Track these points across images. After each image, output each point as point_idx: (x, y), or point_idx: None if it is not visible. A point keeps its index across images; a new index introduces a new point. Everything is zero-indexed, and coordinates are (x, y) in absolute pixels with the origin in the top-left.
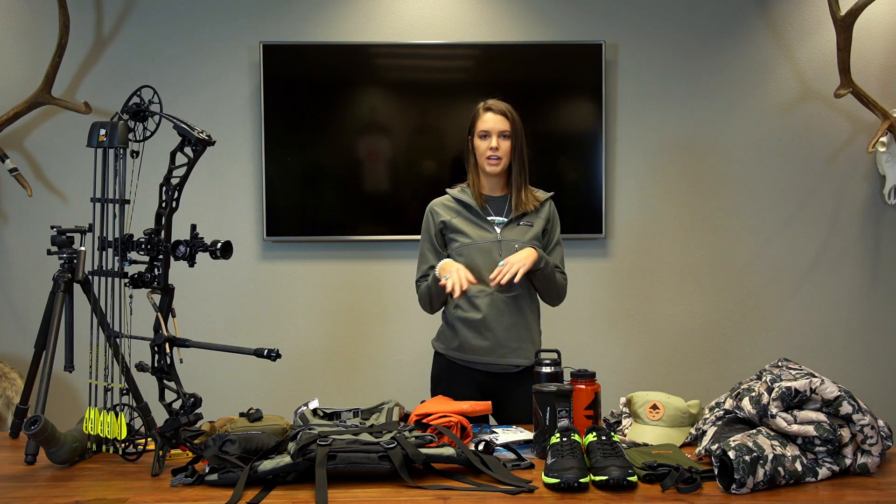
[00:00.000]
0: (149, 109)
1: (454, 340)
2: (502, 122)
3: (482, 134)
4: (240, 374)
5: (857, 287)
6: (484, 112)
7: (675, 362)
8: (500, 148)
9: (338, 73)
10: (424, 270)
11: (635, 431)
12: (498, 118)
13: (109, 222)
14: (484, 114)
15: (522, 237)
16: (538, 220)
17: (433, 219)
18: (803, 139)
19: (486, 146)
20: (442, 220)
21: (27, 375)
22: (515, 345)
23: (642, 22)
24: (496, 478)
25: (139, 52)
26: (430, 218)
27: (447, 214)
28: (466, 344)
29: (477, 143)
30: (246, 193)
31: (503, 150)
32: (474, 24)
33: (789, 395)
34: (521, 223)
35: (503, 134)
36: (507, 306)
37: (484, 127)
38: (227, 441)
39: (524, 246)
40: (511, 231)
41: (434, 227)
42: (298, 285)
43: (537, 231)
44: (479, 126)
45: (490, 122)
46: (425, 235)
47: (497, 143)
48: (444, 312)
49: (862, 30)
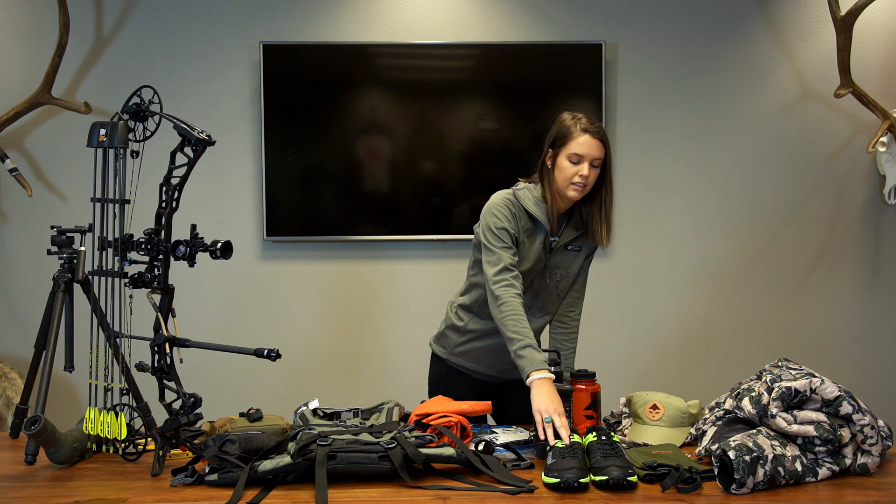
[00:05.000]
0: (149, 109)
1: (460, 346)
2: (599, 149)
3: (574, 158)
4: (240, 374)
5: (857, 287)
6: (581, 133)
7: (675, 362)
8: (589, 176)
9: (338, 73)
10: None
11: (635, 431)
12: (595, 144)
13: (109, 222)
14: (581, 135)
15: (570, 265)
16: (586, 244)
17: (514, 220)
18: (803, 139)
19: (574, 172)
20: (516, 228)
21: (27, 375)
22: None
23: (642, 22)
24: (496, 478)
25: (139, 52)
26: (508, 215)
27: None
28: (473, 353)
29: (564, 164)
30: (246, 193)
31: (592, 178)
32: (474, 24)
33: (789, 395)
34: (570, 248)
35: (595, 163)
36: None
37: (579, 150)
38: (227, 441)
39: (566, 276)
40: (559, 256)
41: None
42: (298, 285)
43: (583, 258)
44: (573, 148)
45: (586, 147)
46: (502, 233)
47: (588, 171)
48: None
49: (862, 30)
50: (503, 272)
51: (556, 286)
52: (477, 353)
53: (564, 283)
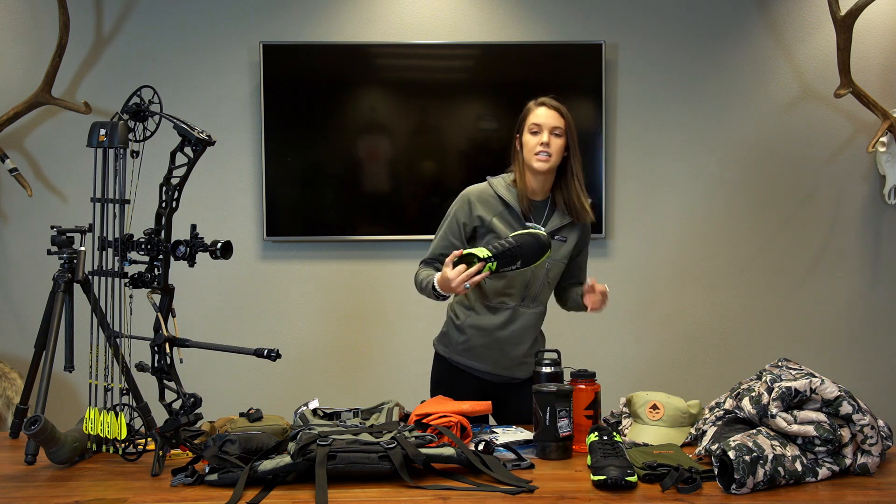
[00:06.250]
0: (149, 109)
1: (461, 344)
2: (556, 118)
3: (533, 129)
4: (240, 374)
5: (857, 287)
6: (537, 107)
7: (675, 362)
8: (551, 144)
9: (338, 73)
10: (435, 256)
11: (635, 431)
12: (552, 113)
13: (109, 222)
14: (537, 108)
15: (555, 253)
16: (573, 234)
17: (470, 210)
18: (803, 139)
19: (536, 141)
20: (480, 216)
21: (27, 375)
22: (523, 360)
23: (642, 22)
24: (496, 478)
25: (139, 52)
26: (466, 208)
27: (488, 212)
28: (474, 351)
29: (526, 138)
30: (246, 193)
31: (554, 147)
32: (474, 24)
33: (789, 395)
34: (557, 237)
35: (555, 131)
36: (524, 321)
37: (536, 121)
38: (227, 441)
39: (554, 264)
40: None
41: (469, 218)
42: (298, 285)
43: (570, 247)
44: (531, 120)
45: (543, 116)
46: (452, 223)
47: (548, 138)
48: (453, 313)
49: (862, 30)
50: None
51: (545, 274)
52: (479, 350)
53: (554, 271)
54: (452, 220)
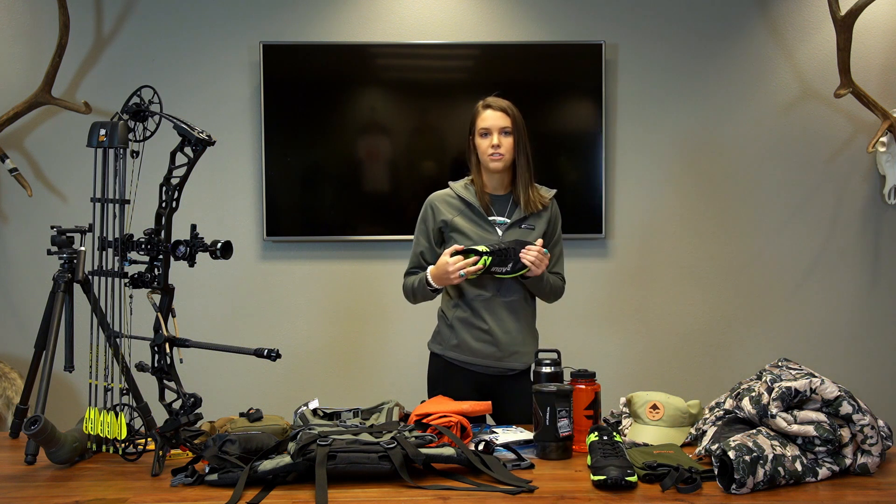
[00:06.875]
0: (149, 109)
1: (452, 339)
2: (502, 118)
3: (483, 132)
4: (240, 374)
5: (857, 287)
6: (483, 110)
7: (675, 362)
8: (502, 145)
9: (338, 73)
10: (416, 263)
11: (635, 431)
12: (498, 115)
13: (109, 222)
14: (483, 111)
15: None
16: (540, 221)
17: (433, 215)
18: (803, 139)
19: (487, 144)
20: (443, 219)
21: (27, 375)
22: (514, 349)
23: (642, 22)
24: (496, 478)
25: (139, 52)
26: (429, 213)
27: (449, 212)
28: (465, 345)
29: (478, 141)
30: (246, 193)
31: (505, 146)
32: (474, 24)
33: (789, 395)
34: (524, 226)
35: (504, 130)
36: (506, 310)
37: (484, 125)
38: (227, 441)
39: None
40: (513, 233)
41: (434, 223)
42: (298, 285)
43: (539, 233)
44: (480, 124)
45: (490, 119)
46: (422, 228)
47: (499, 139)
48: (442, 312)
49: (862, 30)
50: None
51: None
52: (470, 343)
53: None
54: (421, 225)
